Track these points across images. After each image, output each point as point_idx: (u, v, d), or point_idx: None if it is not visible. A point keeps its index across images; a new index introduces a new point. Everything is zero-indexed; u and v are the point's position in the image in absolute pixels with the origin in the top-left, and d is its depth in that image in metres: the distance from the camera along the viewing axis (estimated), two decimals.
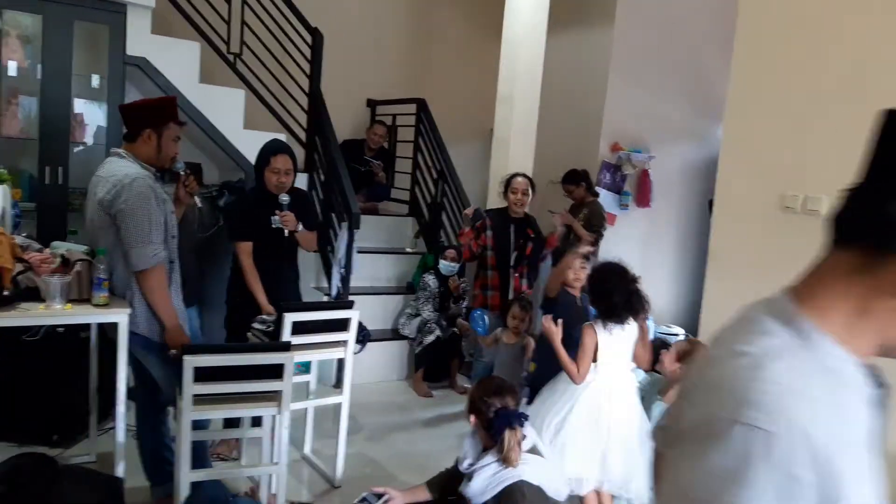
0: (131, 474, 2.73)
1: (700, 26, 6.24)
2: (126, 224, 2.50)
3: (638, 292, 2.86)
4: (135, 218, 2.50)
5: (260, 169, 3.44)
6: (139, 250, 2.51)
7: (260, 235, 3.43)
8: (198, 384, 2.40)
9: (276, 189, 3.40)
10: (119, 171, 2.55)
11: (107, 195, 2.51)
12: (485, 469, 2.28)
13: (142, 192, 2.52)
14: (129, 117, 2.68)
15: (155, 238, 2.54)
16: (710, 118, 6.51)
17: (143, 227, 2.51)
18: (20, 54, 4.08)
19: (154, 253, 2.53)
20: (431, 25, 6.86)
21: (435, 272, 4.89)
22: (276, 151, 3.41)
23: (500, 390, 2.38)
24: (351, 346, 3.23)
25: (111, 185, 2.52)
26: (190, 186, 2.94)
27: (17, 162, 4.11)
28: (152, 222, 2.53)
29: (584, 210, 5.29)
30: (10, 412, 3.27)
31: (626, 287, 2.85)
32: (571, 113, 6.24)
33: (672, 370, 2.92)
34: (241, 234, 3.43)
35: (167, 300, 2.62)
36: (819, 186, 2.70)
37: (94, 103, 4.30)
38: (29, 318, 2.43)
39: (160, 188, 2.67)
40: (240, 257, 3.41)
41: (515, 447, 2.26)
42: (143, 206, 2.51)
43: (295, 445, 3.52)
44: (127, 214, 2.50)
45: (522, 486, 2.21)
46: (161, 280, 2.59)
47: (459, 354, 4.90)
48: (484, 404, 2.33)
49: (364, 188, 5.81)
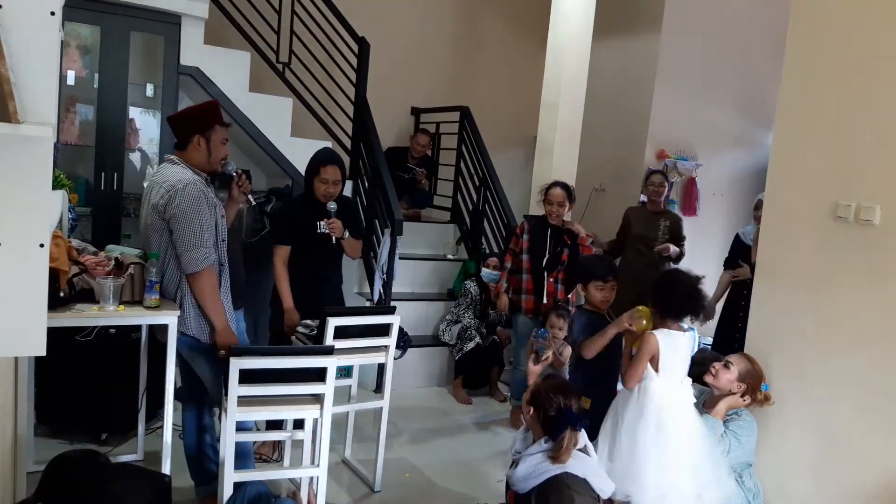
0: (176, 473, 2.79)
1: (749, 31, 6.11)
2: (179, 228, 2.57)
3: (700, 292, 2.77)
4: (187, 222, 2.57)
5: (309, 177, 3.48)
6: (191, 253, 2.58)
7: (305, 241, 3.47)
8: (243, 386, 2.45)
9: (324, 198, 3.45)
10: (172, 177, 2.62)
11: (161, 200, 2.59)
12: (532, 457, 2.30)
13: (194, 197, 2.58)
14: (178, 127, 2.75)
15: (206, 242, 2.61)
16: (759, 125, 6.37)
17: (195, 232, 2.57)
18: (79, 64, 4.24)
19: (205, 256, 2.60)
20: (476, 33, 6.87)
21: (476, 279, 4.89)
22: (326, 162, 3.45)
23: (567, 389, 2.38)
24: (392, 352, 3.25)
25: (164, 190, 2.59)
26: (243, 186, 3.00)
27: (74, 168, 4.27)
28: (204, 226, 2.60)
29: (665, 221, 4.78)
30: (62, 410, 3.38)
31: (691, 284, 2.77)
32: (617, 120, 6.17)
33: (729, 386, 2.86)
34: (281, 238, 3.48)
35: (218, 302, 2.68)
36: (873, 195, 2.61)
37: (148, 111, 4.45)
38: (83, 318, 2.50)
39: (211, 193, 2.74)
40: (274, 260, 3.46)
41: (570, 448, 2.27)
42: (196, 210, 2.58)
43: (335, 449, 3.56)
44: (180, 219, 2.57)
45: (566, 477, 2.22)
46: (212, 282, 2.65)
47: (499, 362, 4.88)
48: (548, 399, 2.32)
49: (407, 195, 5.85)
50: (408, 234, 4.77)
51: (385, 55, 5.82)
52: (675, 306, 2.77)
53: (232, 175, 2.93)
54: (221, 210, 2.79)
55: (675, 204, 6.11)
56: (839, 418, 2.71)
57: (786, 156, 2.99)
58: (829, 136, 2.79)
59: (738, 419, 2.87)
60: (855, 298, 2.67)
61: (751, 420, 2.90)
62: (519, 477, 2.32)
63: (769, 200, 3.07)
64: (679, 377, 2.77)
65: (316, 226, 3.47)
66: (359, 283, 5.11)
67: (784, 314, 2.92)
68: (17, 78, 1.38)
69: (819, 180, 2.82)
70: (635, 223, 4.84)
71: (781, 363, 2.90)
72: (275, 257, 3.47)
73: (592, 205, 6.18)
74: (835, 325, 2.74)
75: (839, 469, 2.71)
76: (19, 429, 2.57)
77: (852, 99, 2.71)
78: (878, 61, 2.64)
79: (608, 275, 3.25)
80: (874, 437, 2.60)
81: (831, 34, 2.81)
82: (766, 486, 2.90)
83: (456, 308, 4.93)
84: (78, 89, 4.28)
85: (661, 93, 5.91)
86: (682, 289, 2.77)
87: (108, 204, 4.24)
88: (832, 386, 2.74)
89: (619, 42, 6.15)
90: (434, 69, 6.67)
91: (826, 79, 2.82)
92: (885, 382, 2.57)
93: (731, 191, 6.40)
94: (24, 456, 2.68)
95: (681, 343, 2.76)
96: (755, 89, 6.23)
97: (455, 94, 6.56)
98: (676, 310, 2.77)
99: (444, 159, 6.40)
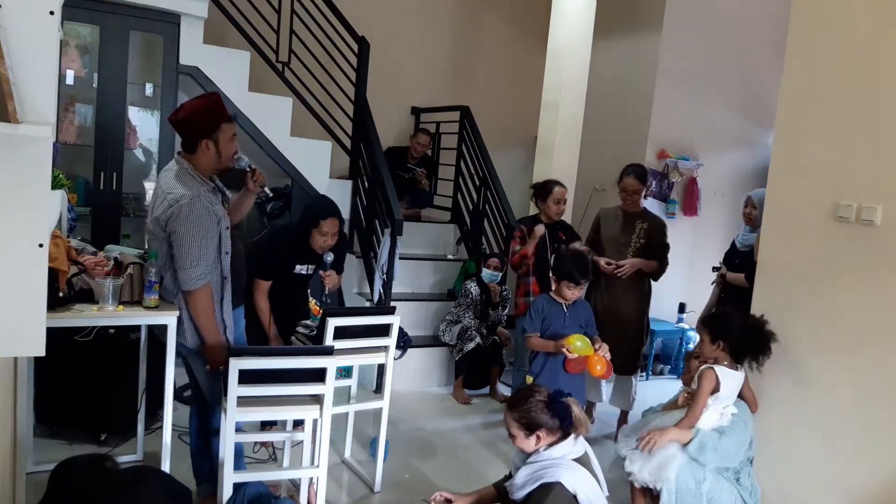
0: (176, 473, 2.78)
1: (750, 31, 6.11)
2: (178, 245, 2.55)
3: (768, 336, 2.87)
4: (186, 241, 2.54)
5: (307, 225, 3.41)
6: (188, 272, 2.56)
7: (284, 278, 3.48)
8: (242, 386, 2.44)
9: (321, 250, 3.44)
10: (177, 190, 2.56)
11: (163, 214, 2.56)
12: (531, 465, 2.34)
13: (197, 214, 2.54)
14: (182, 130, 2.67)
15: (204, 261, 2.58)
16: (760, 125, 6.37)
17: (193, 251, 2.55)
18: (78, 63, 4.24)
19: (201, 275, 2.58)
20: (476, 33, 6.87)
21: (476, 279, 4.89)
22: (326, 215, 3.39)
23: (529, 391, 2.42)
24: (392, 352, 3.24)
25: (168, 204, 2.55)
26: (259, 179, 2.98)
27: (73, 167, 4.26)
28: (202, 247, 2.57)
29: (642, 223, 4.17)
30: (61, 410, 3.37)
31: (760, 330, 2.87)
32: (617, 120, 6.17)
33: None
34: (262, 273, 3.41)
35: (211, 320, 2.65)
36: (874, 195, 2.61)
37: (147, 111, 4.44)
38: (83, 318, 2.49)
39: (217, 204, 2.69)
40: (255, 294, 3.40)
41: (583, 415, 2.37)
42: (196, 230, 2.54)
43: (335, 450, 3.55)
44: (180, 236, 2.54)
45: (556, 487, 2.23)
46: (205, 301, 2.62)
47: (500, 362, 4.87)
48: (532, 410, 2.33)
49: (407, 195, 5.84)
50: (408, 234, 4.76)
51: (385, 55, 5.81)
52: (744, 348, 2.87)
53: (245, 169, 2.90)
54: (226, 222, 2.75)
55: (676, 204, 6.12)
56: (839, 418, 2.71)
57: (786, 156, 2.99)
58: (829, 136, 2.79)
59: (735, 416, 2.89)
60: (856, 299, 2.67)
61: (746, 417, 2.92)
62: (517, 484, 2.35)
63: (769, 200, 3.06)
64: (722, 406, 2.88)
65: (296, 268, 3.49)
66: (359, 283, 5.11)
67: (784, 314, 2.91)
68: (17, 77, 1.38)
69: (819, 180, 2.81)
70: (605, 225, 4.27)
71: (781, 363, 2.90)
72: (256, 291, 3.41)
73: (592, 205, 6.17)
74: (835, 325, 2.74)
75: (839, 469, 2.71)
76: (19, 429, 2.57)
77: (852, 99, 2.71)
78: (878, 61, 2.63)
79: (581, 278, 3.36)
80: (874, 437, 2.60)
81: (831, 34, 2.80)
82: (766, 486, 2.90)
83: (456, 308, 4.93)
84: (77, 89, 4.28)
85: (662, 93, 5.91)
86: (762, 339, 2.86)
87: (107, 204, 4.24)
88: (832, 386, 2.74)
89: (620, 42, 6.15)
90: (434, 69, 6.67)
91: (826, 79, 2.81)
92: (885, 382, 2.57)
93: (732, 191, 6.40)
94: (24, 456, 2.67)
95: (735, 379, 2.89)
96: (755, 89, 6.22)
97: (455, 94, 6.56)
98: (745, 354, 2.88)
99: (444, 159, 6.40)
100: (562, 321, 3.42)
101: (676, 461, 2.75)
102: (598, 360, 3.23)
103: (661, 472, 2.75)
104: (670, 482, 2.71)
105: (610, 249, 4.20)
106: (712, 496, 2.72)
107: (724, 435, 2.80)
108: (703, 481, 2.72)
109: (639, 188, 4.16)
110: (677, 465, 2.74)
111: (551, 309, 3.44)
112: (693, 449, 2.78)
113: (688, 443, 2.80)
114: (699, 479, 2.73)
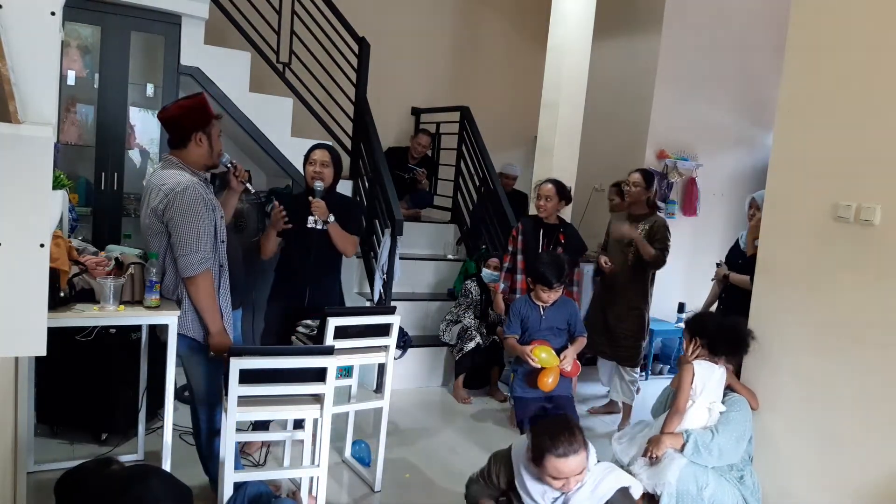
0: (176, 473, 2.78)
1: (750, 32, 6.11)
2: (176, 232, 2.57)
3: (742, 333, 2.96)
4: (185, 226, 2.56)
5: (303, 168, 3.57)
6: (188, 258, 2.57)
7: (299, 236, 3.45)
8: (243, 386, 2.45)
9: (312, 180, 3.47)
10: (170, 180, 2.60)
11: (159, 204, 2.58)
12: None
13: (192, 201, 2.58)
14: (174, 125, 2.70)
15: (203, 246, 2.60)
16: (759, 125, 6.38)
17: (192, 236, 2.57)
18: (79, 64, 4.24)
19: (201, 260, 2.59)
20: (476, 34, 6.88)
21: (476, 279, 4.89)
22: (314, 147, 3.56)
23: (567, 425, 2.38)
24: (392, 352, 3.25)
25: (163, 194, 2.58)
26: (240, 175, 2.99)
27: (74, 168, 4.27)
28: (200, 231, 2.59)
29: (645, 224, 4.35)
30: (62, 410, 3.38)
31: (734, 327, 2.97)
32: (617, 120, 6.18)
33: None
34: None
35: (213, 305, 2.68)
36: (873, 195, 2.61)
37: (148, 111, 4.44)
38: (84, 318, 2.50)
39: (210, 193, 2.73)
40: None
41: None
42: (193, 215, 2.57)
43: (335, 449, 3.56)
44: (177, 222, 2.56)
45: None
46: (207, 286, 2.64)
47: (499, 362, 4.88)
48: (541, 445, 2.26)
49: (407, 195, 5.85)
50: (408, 234, 4.77)
51: (385, 56, 5.82)
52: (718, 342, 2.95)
53: (227, 166, 2.93)
54: (221, 211, 2.78)
55: (675, 204, 6.12)
56: (839, 418, 2.71)
57: (786, 156, 2.99)
58: (829, 135, 2.79)
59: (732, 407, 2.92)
60: (855, 298, 2.67)
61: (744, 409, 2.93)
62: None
63: (769, 200, 3.07)
64: (707, 402, 2.90)
65: (305, 220, 3.41)
66: (359, 283, 5.11)
67: (784, 314, 2.92)
68: (18, 78, 1.38)
69: (819, 180, 2.81)
70: (614, 227, 4.52)
71: (781, 363, 2.90)
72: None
73: (592, 205, 6.18)
74: (835, 325, 2.74)
75: (839, 469, 2.71)
76: (19, 428, 2.57)
77: (852, 99, 2.71)
78: (878, 61, 2.63)
79: (555, 282, 3.36)
80: (874, 437, 2.60)
81: (831, 34, 2.81)
82: (766, 485, 2.90)
83: (456, 308, 4.93)
84: (78, 89, 4.28)
85: (661, 93, 5.91)
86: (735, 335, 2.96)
87: (108, 204, 4.24)
88: (832, 385, 2.74)
89: (619, 42, 6.16)
90: (434, 69, 6.68)
91: (826, 79, 2.82)
92: (885, 382, 2.57)
93: (731, 191, 6.40)
94: (25, 456, 2.67)
95: (715, 373, 2.93)
96: (756, 89, 6.23)
97: (455, 94, 6.56)
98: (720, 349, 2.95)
99: (445, 159, 6.40)
100: (537, 323, 3.43)
101: (675, 465, 2.75)
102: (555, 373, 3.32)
103: (661, 477, 2.74)
104: (671, 486, 2.70)
105: (614, 247, 4.42)
106: (714, 501, 2.72)
107: (718, 433, 2.81)
108: (706, 487, 2.71)
109: (640, 182, 4.39)
110: (677, 468, 2.74)
111: (529, 311, 3.46)
112: (689, 452, 2.78)
113: (683, 447, 2.80)
114: (702, 484, 2.71)
